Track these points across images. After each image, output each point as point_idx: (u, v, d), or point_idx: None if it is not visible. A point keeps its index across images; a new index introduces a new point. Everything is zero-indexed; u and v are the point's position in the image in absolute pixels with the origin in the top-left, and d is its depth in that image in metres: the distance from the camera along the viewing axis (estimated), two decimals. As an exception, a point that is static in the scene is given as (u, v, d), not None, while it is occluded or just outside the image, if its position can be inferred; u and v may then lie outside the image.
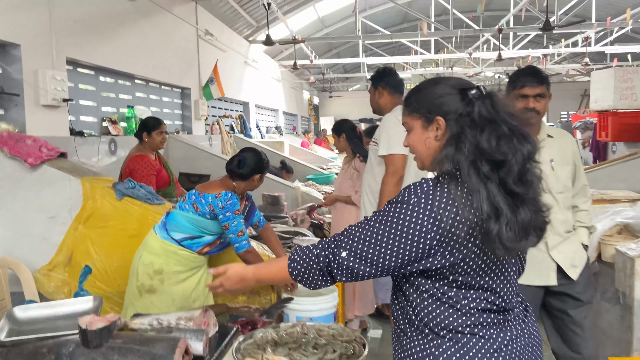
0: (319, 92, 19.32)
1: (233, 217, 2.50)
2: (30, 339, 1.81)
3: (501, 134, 1.22)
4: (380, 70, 3.30)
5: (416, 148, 1.38)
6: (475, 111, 1.24)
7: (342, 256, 1.26)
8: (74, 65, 4.43)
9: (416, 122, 1.36)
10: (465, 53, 11.34)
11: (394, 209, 1.25)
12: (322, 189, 6.23)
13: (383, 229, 1.25)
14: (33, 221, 3.18)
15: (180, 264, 2.57)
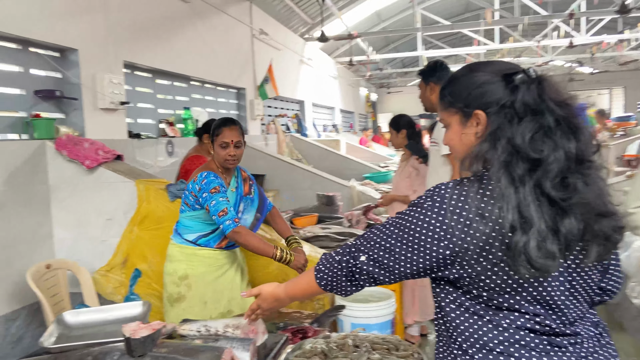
0: (377, 88, 19.03)
1: (210, 196, 2.32)
2: (76, 345, 1.80)
3: (542, 126, 1.02)
4: (431, 65, 3.17)
5: (455, 148, 1.20)
6: (519, 99, 1.04)
7: (362, 260, 1.17)
8: (131, 69, 4.51)
9: (453, 118, 1.18)
10: (533, 41, 10.70)
11: (410, 212, 1.13)
12: (379, 187, 6.05)
13: (397, 233, 1.13)
14: (91, 223, 3.24)
15: (204, 264, 2.47)
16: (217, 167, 2.48)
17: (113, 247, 3.15)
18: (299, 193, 5.52)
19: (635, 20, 11.73)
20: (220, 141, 2.42)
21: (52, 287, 2.92)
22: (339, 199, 4.53)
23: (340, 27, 9.81)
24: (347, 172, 7.17)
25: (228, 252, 2.55)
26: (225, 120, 2.51)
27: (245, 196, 2.57)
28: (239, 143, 2.46)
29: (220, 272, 2.52)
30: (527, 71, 1.08)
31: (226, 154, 2.42)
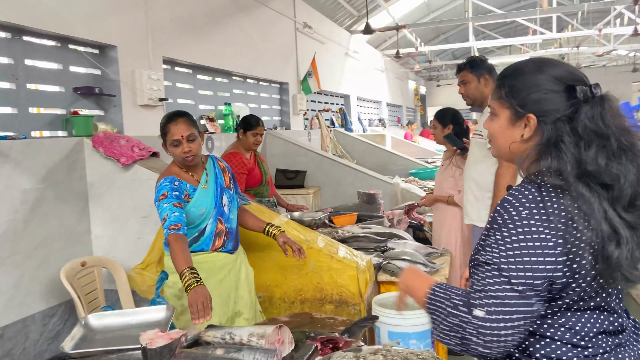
0: (426, 81, 18.55)
1: (158, 204, 2.15)
2: (95, 352, 1.75)
3: (610, 151, 1.03)
4: (477, 58, 3.07)
5: (497, 139, 1.21)
6: (581, 119, 1.05)
7: (477, 316, 1.03)
8: (171, 65, 4.50)
9: (503, 111, 1.17)
10: (594, 29, 10.05)
11: (508, 233, 1.04)
12: (424, 185, 5.82)
13: (510, 257, 1.03)
14: (128, 220, 3.23)
15: (203, 271, 2.21)
16: (180, 168, 2.31)
17: (148, 244, 3.11)
18: (340, 190, 5.39)
19: None
20: (170, 140, 2.23)
21: (87, 284, 2.92)
22: (380, 197, 4.36)
23: (388, 19, 9.56)
24: (392, 167, 6.98)
25: (227, 255, 2.37)
26: (170, 115, 2.29)
27: (227, 188, 2.40)
28: (192, 136, 2.23)
29: (222, 274, 2.35)
30: (592, 88, 1.07)
31: (181, 151, 2.23)
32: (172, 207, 2.14)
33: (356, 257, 2.82)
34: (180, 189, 2.23)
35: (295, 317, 2.44)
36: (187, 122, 2.26)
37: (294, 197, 5.07)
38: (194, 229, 2.31)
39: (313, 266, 2.78)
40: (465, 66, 3.01)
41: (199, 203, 2.28)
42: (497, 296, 1.02)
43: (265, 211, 2.98)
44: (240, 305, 2.42)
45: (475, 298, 1.03)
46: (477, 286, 1.05)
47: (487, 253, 1.05)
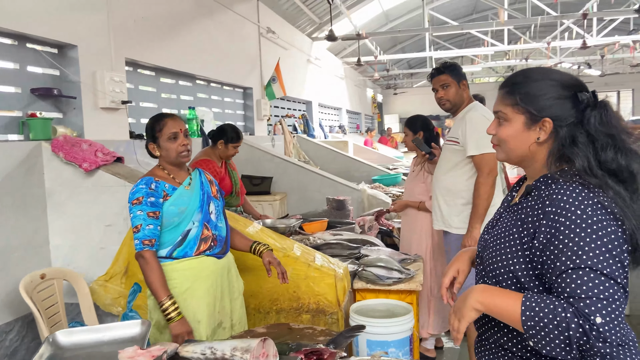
0: (383, 89, 18.84)
1: (131, 208, 2.09)
2: (68, 371, 1.62)
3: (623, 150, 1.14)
4: (455, 63, 3.12)
5: (509, 143, 1.26)
6: (592, 122, 1.15)
7: (597, 323, 1.02)
8: (134, 66, 4.33)
9: (518, 117, 1.23)
10: (542, 43, 10.49)
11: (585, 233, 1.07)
12: (389, 191, 5.85)
13: (606, 256, 1.06)
14: (90, 229, 3.06)
15: (187, 279, 2.17)
16: (163, 170, 2.24)
17: (112, 255, 2.95)
18: (307, 196, 5.34)
19: (647, 22, 11.51)
20: (168, 133, 2.17)
21: (47, 298, 2.73)
22: (349, 203, 4.34)
23: (348, 27, 9.63)
24: (355, 174, 6.99)
25: (213, 259, 2.26)
26: (160, 114, 2.28)
27: (214, 197, 2.33)
28: (187, 131, 2.26)
29: (209, 282, 2.22)
30: (594, 93, 1.18)
31: (178, 144, 2.18)
32: (147, 218, 2.07)
33: (333, 265, 2.77)
34: (158, 191, 2.15)
35: (273, 328, 2.36)
36: (181, 119, 2.26)
37: (260, 203, 4.97)
38: (174, 232, 2.20)
39: (290, 275, 2.71)
40: (445, 70, 3.03)
41: (179, 202, 2.19)
42: (605, 297, 1.02)
43: (239, 219, 2.89)
44: (223, 316, 2.32)
45: (587, 305, 1.02)
46: (578, 292, 1.04)
47: (574, 257, 1.06)
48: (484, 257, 1.33)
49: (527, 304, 1.08)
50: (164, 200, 2.16)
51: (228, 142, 3.64)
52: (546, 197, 1.16)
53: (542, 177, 1.23)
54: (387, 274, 2.83)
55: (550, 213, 1.12)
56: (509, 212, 1.31)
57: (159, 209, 2.13)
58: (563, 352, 1.04)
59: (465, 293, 1.22)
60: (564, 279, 1.07)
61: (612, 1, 7.89)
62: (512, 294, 1.15)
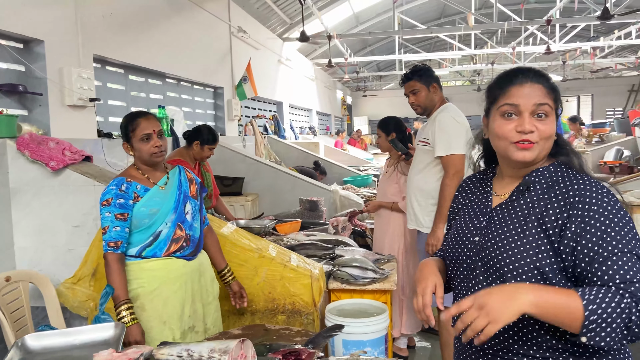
0: (353, 91, 18.95)
1: (100, 209, 2.10)
2: (38, 377, 1.56)
3: None
4: (423, 67, 3.15)
5: (549, 141, 1.24)
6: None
7: None
8: (102, 63, 4.22)
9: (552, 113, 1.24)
10: (508, 48, 10.77)
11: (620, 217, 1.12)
12: (361, 192, 5.89)
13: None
14: (57, 230, 2.96)
15: (155, 279, 2.15)
16: (138, 169, 2.22)
17: (81, 256, 2.86)
18: (279, 197, 5.31)
19: (606, 30, 11.96)
20: (141, 134, 2.15)
21: (12, 301, 2.63)
22: (322, 204, 4.34)
23: (318, 28, 9.64)
24: (327, 175, 7.01)
25: (183, 261, 2.23)
26: (136, 112, 2.24)
27: (192, 197, 2.31)
28: (161, 132, 2.21)
29: (178, 284, 2.20)
30: None
31: (151, 145, 2.15)
32: (114, 220, 2.08)
33: (309, 265, 2.77)
34: (128, 193, 2.13)
35: (249, 329, 2.34)
36: (155, 118, 2.21)
37: (232, 204, 4.92)
38: (144, 233, 2.17)
39: (264, 276, 2.69)
40: (413, 75, 3.08)
41: (150, 203, 2.16)
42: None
43: (213, 219, 2.85)
44: (195, 320, 2.28)
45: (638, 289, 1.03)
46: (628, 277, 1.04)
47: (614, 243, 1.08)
48: (486, 258, 1.24)
49: (587, 297, 1.02)
50: (135, 202, 2.14)
51: (204, 143, 3.59)
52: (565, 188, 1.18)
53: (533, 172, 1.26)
54: (362, 274, 2.85)
55: (579, 203, 1.14)
56: (505, 211, 1.27)
57: (128, 211, 2.11)
58: (617, 338, 1.01)
59: (506, 291, 1.05)
60: (609, 266, 1.06)
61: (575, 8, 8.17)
62: (565, 291, 1.06)
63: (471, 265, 1.30)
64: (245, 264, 2.71)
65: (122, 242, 2.09)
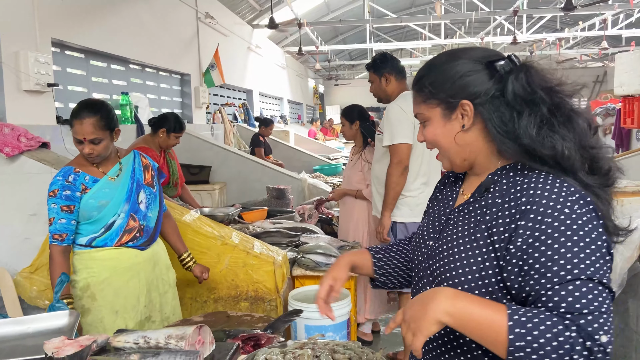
0: (325, 80, 18.92)
1: (47, 200, 2.07)
2: (-13, 366, 1.52)
3: (540, 118, 0.96)
4: (381, 56, 3.14)
5: (439, 143, 1.09)
6: (509, 90, 0.98)
7: (603, 342, 0.84)
8: (61, 48, 4.09)
9: (434, 111, 1.07)
10: (477, 38, 10.91)
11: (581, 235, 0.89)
12: (329, 180, 5.91)
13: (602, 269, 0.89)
14: (12, 219, 2.87)
15: (105, 269, 2.12)
16: (86, 159, 2.16)
17: (38, 246, 2.79)
18: (247, 185, 5.29)
19: (572, 21, 12.23)
20: (74, 137, 2.09)
21: (-36, 292, 2.55)
22: (290, 192, 4.34)
23: (288, 16, 9.56)
24: (296, 164, 7.01)
25: (135, 251, 2.19)
26: (80, 107, 2.09)
27: (147, 185, 2.26)
28: (97, 140, 2.06)
29: (129, 274, 2.17)
30: (511, 57, 1.02)
31: (81, 149, 2.10)
32: (60, 212, 2.05)
33: (272, 252, 2.77)
34: (75, 184, 2.08)
35: (210, 316, 2.33)
36: (94, 123, 2.05)
37: (199, 193, 4.87)
38: (95, 224, 2.13)
39: (227, 263, 2.69)
40: (368, 68, 3.12)
41: (100, 195, 2.11)
42: (605, 310, 0.86)
43: (176, 207, 2.82)
44: (152, 310, 2.25)
45: (590, 322, 0.84)
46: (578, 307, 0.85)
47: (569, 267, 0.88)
48: (433, 267, 1.08)
49: (516, 318, 0.85)
50: (83, 194, 2.09)
51: (170, 131, 3.54)
52: (520, 193, 0.96)
53: (499, 170, 1.04)
54: (326, 260, 2.87)
55: (531, 212, 0.92)
56: (461, 213, 1.08)
57: (75, 203, 2.08)
58: None
59: (424, 298, 0.93)
60: (557, 292, 0.87)
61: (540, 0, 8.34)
62: (493, 305, 0.90)
63: (421, 271, 1.15)
64: (208, 252, 2.69)
65: (68, 234, 2.07)
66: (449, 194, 1.19)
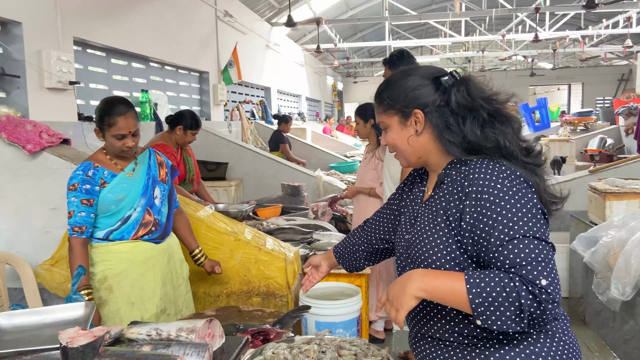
0: (343, 77, 18.90)
1: (67, 194, 2.12)
2: (7, 353, 1.59)
3: (481, 120, 1.19)
4: (398, 53, 3.11)
5: (397, 146, 1.32)
6: (453, 100, 1.21)
7: (544, 285, 1.02)
8: (83, 46, 4.19)
9: (392, 119, 1.30)
10: (498, 35, 10.77)
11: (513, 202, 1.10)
12: (345, 178, 5.92)
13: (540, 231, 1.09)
14: (34, 213, 2.97)
15: (122, 262, 2.19)
16: (106, 154, 2.22)
17: (58, 239, 2.88)
18: (263, 182, 5.34)
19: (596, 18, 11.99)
20: (115, 133, 2.13)
21: (-12, 282, 2.65)
22: (304, 190, 4.38)
23: (307, 13, 9.59)
24: (313, 161, 7.04)
25: (151, 244, 2.26)
26: (116, 104, 2.15)
27: (161, 182, 2.32)
28: (137, 131, 2.19)
29: (145, 267, 2.23)
30: (452, 73, 1.24)
31: (123, 144, 2.16)
32: (80, 205, 2.11)
33: (284, 249, 2.81)
34: (95, 179, 2.14)
35: (222, 310, 2.38)
36: (134, 115, 2.19)
37: (215, 189, 4.94)
38: (112, 217, 2.19)
39: (240, 259, 2.73)
40: (384, 63, 3.11)
41: (117, 189, 2.18)
42: (542, 259, 1.04)
43: (190, 203, 2.87)
44: (166, 303, 2.31)
45: (530, 271, 1.02)
46: (518, 261, 1.04)
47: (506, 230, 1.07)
48: (411, 256, 1.28)
49: (472, 281, 1.05)
50: (102, 188, 2.16)
51: (187, 128, 3.59)
52: (463, 179, 1.17)
53: (449, 164, 1.25)
54: (337, 257, 2.89)
55: (472, 192, 1.13)
56: (426, 207, 1.29)
57: (94, 197, 2.14)
58: (514, 323, 1.02)
59: (402, 280, 1.15)
60: (501, 252, 1.07)
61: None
62: (454, 275, 1.10)
63: (403, 261, 1.34)
64: (221, 247, 2.74)
65: (87, 227, 2.12)
66: (417, 193, 1.40)
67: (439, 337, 1.25)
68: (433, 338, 1.28)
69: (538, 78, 18.04)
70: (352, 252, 1.67)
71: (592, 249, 3.17)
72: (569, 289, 4.06)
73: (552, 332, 1.18)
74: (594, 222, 3.60)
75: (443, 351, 1.25)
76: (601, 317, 3.35)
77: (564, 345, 1.18)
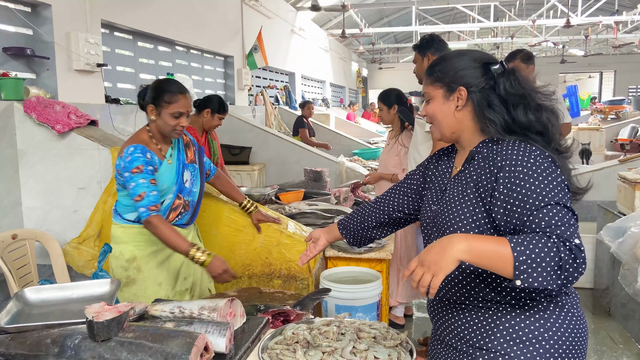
0: (368, 63, 18.71)
1: (131, 177, 2.06)
2: (35, 326, 1.64)
3: (532, 107, 1.29)
4: (428, 37, 3.07)
5: (436, 117, 1.40)
6: (501, 87, 1.30)
7: (577, 243, 1.11)
8: (110, 29, 4.24)
9: (437, 92, 1.38)
10: (528, 20, 10.50)
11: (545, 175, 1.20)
12: (368, 164, 5.90)
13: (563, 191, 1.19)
14: (63, 192, 3.05)
15: (152, 243, 2.21)
16: (151, 137, 2.21)
17: (86, 218, 2.96)
18: (286, 167, 5.36)
19: (631, 3, 11.57)
20: (175, 110, 2.14)
21: (18, 258, 2.74)
22: (327, 175, 4.37)
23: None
24: (336, 147, 7.02)
25: (178, 229, 2.26)
26: (177, 83, 2.20)
27: (190, 163, 2.33)
28: (189, 114, 2.23)
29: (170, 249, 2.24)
30: (502, 63, 1.33)
31: (177, 123, 2.16)
32: (150, 185, 2.08)
33: (305, 233, 2.82)
34: (152, 163, 2.14)
35: (244, 291, 2.41)
36: (190, 98, 2.22)
37: (239, 173, 4.98)
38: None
39: (262, 241, 2.76)
40: (414, 48, 3.07)
41: (163, 179, 2.19)
42: (571, 224, 1.14)
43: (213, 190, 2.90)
44: (189, 283, 2.36)
45: (564, 232, 1.11)
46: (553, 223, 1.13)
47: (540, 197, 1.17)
48: (438, 224, 1.37)
49: (515, 240, 1.10)
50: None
51: (214, 112, 3.59)
52: (496, 155, 1.27)
53: (481, 143, 1.35)
54: (358, 242, 2.89)
55: (506, 166, 1.23)
56: (456, 181, 1.39)
57: (155, 178, 2.14)
58: (552, 280, 1.08)
59: (439, 244, 1.14)
60: (536, 215, 1.16)
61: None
62: (495, 237, 1.15)
63: (430, 231, 1.44)
64: (243, 230, 2.77)
65: (160, 205, 2.12)
66: (445, 169, 1.50)
67: (456, 299, 1.36)
68: (450, 301, 1.38)
69: (569, 65, 17.56)
70: (359, 222, 1.73)
71: (619, 240, 3.10)
72: (594, 280, 3.99)
73: (562, 304, 1.27)
74: (623, 212, 3.52)
75: (459, 313, 1.35)
76: (627, 309, 3.28)
77: (572, 318, 1.27)
